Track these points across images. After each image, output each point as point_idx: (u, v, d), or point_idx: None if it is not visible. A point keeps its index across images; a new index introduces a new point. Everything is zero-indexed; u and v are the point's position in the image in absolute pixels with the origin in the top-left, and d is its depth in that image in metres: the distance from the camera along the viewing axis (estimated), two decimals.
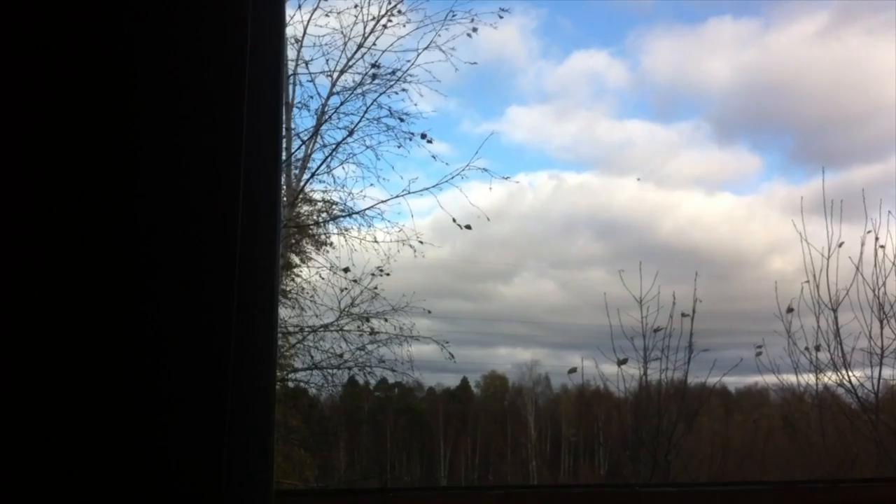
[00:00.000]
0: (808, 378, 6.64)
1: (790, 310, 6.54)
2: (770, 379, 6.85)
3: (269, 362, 1.26)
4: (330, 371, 7.50)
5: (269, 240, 1.26)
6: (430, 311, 7.45)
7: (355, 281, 7.30)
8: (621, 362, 6.61)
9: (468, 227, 7.14)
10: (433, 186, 7.16)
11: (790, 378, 6.72)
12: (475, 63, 7.70)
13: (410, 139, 7.17)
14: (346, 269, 7.26)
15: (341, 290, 7.29)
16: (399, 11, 7.22)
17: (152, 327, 1.16)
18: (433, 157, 7.27)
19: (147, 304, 1.16)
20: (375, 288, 7.29)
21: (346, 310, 7.33)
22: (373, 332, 7.29)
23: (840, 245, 6.46)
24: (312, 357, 7.39)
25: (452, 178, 7.11)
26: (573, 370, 7.20)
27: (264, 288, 1.25)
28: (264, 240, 1.25)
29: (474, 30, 7.21)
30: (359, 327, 7.35)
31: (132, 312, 1.16)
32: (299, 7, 7.22)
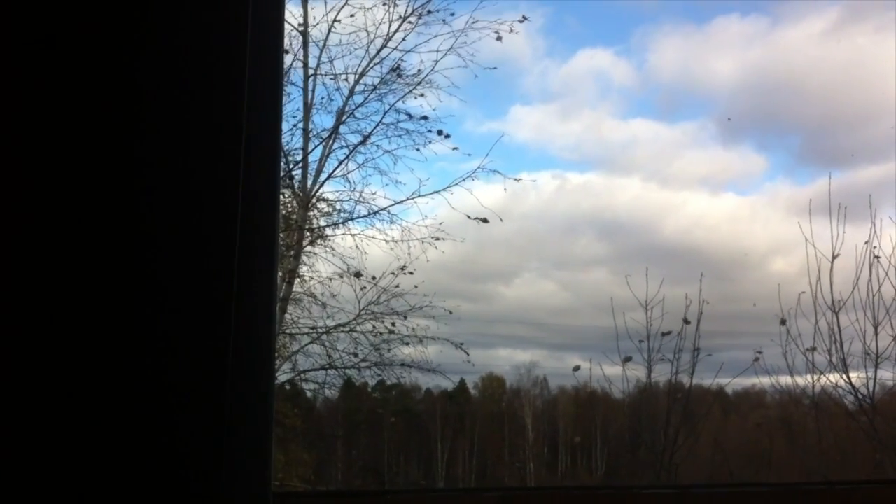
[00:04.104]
0: (808, 379, 6.68)
1: (783, 322, 6.59)
2: (769, 380, 6.89)
3: (267, 362, 1.26)
4: (345, 371, 7.60)
5: (268, 240, 1.26)
6: (451, 312, 7.52)
7: (373, 279, 7.40)
8: (626, 360, 6.66)
9: (485, 220, 7.25)
10: (444, 189, 7.29)
11: (790, 380, 6.77)
12: (495, 68, 7.81)
13: (430, 142, 7.31)
14: (358, 275, 7.36)
15: (360, 289, 7.39)
16: (428, 11, 7.33)
17: (152, 328, 1.16)
18: (454, 148, 7.41)
19: (146, 304, 1.16)
20: (397, 286, 7.41)
21: (365, 309, 7.43)
22: (390, 332, 7.38)
23: (836, 256, 6.51)
24: (330, 357, 7.47)
25: (464, 179, 7.24)
26: (577, 368, 7.22)
27: (263, 289, 1.25)
28: (263, 241, 1.25)
29: (498, 38, 7.33)
30: (374, 327, 7.45)
31: (132, 314, 1.16)
32: (326, 6, 7.31)
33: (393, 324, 7.50)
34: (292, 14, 7.34)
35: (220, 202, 1.20)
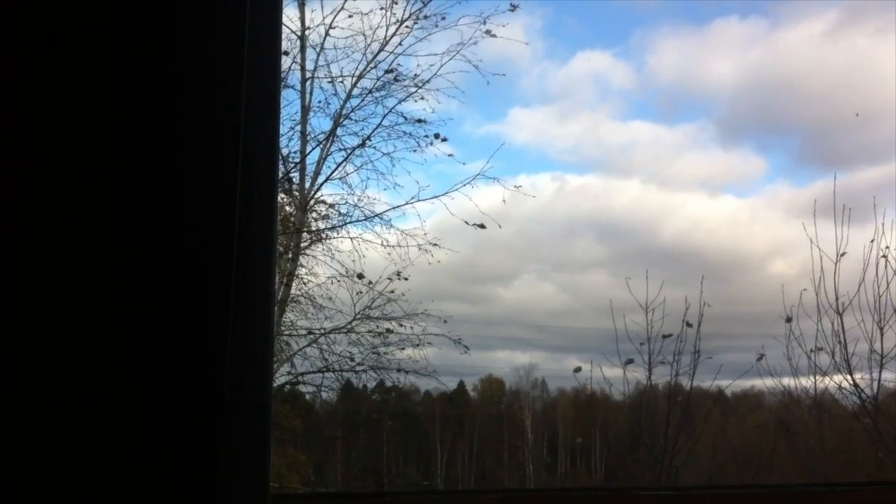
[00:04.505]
0: (809, 381, 6.64)
1: (788, 319, 6.56)
2: (769, 382, 6.87)
3: (265, 364, 1.26)
4: (342, 373, 7.59)
5: (266, 241, 1.25)
6: (445, 321, 7.51)
7: (370, 283, 7.39)
8: (628, 362, 6.65)
9: (482, 225, 7.25)
10: (443, 194, 7.28)
11: (791, 382, 6.74)
12: (503, 75, 7.81)
13: (431, 144, 7.30)
14: (360, 276, 7.36)
15: (357, 293, 7.39)
16: (425, 16, 7.33)
17: (149, 330, 1.16)
18: (450, 155, 7.41)
19: (144, 305, 1.16)
20: (392, 291, 7.40)
21: (363, 312, 7.43)
22: (388, 332, 7.38)
23: (842, 255, 6.48)
24: (327, 360, 7.46)
25: (464, 185, 7.25)
26: (578, 369, 7.20)
27: (261, 289, 1.24)
28: (261, 241, 1.24)
29: (488, 32, 7.33)
30: (370, 330, 7.43)
31: (129, 313, 1.15)
32: (324, 10, 7.32)
33: (389, 329, 7.48)
34: (290, 18, 7.35)
35: (217, 204, 1.19)
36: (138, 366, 1.15)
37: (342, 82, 7.41)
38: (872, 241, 6.49)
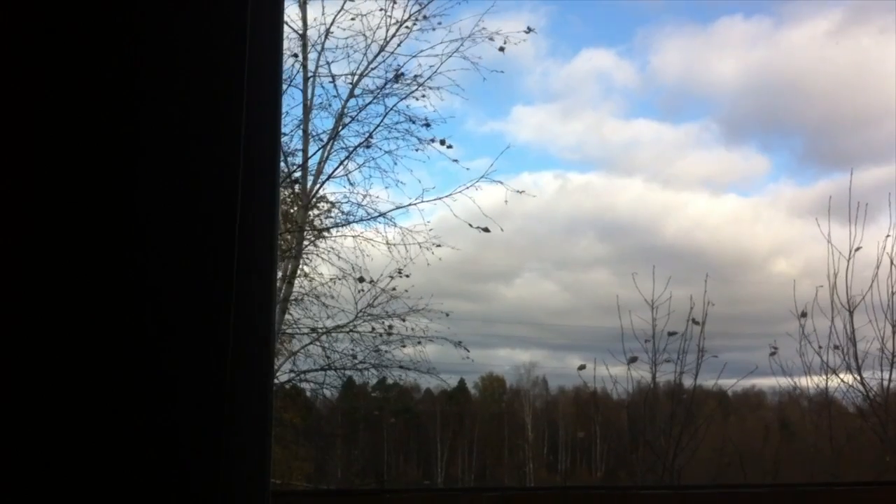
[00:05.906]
0: (817, 379, 6.64)
1: (804, 314, 6.54)
2: (772, 381, 6.87)
3: (266, 362, 1.26)
4: (344, 371, 7.62)
5: (268, 237, 1.26)
6: (448, 314, 7.51)
7: (372, 281, 7.40)
8: (632, 360, 6.63)
9: (486, 229, 7.24)
10: (447, 196, 7.28)
11: (797, 380, 6.73)
12: (502, 72, 7.82)
13: (432, 142, 7.31)
14: (361, 279, 7.37)
15: (358, 292, 7.40)
16: (424, 17, 7.34)
17: (151, 328, 1.16)
18: (454, 160, 7.41)
19: (145, 304, 1.16)
20: (394, 289, 7.41)
21: (365, 310, 7.45)
22: (389, 333, 7.39)
23: (857, 249, 6.47)
24: (329, 358, 7.48)
25: (466, 187, 7.25)
26: (583, 367, 7.17)
27: (262, 289, 1.25)
28: (262, 237, 1.25)
29: (501, 49, 7.36)
30: (373, 329, 7.45)
31: (130, 311, 1.16)
32: (324, 11, 7.32)
33: (390, 326, 7.49)
34: (291, 18, 7.35)
35: (219, 203, 1.20)
36: (139, 363, 1.15)
37: (346, 80, 7.43)
38: (888, 236, 6.46)
